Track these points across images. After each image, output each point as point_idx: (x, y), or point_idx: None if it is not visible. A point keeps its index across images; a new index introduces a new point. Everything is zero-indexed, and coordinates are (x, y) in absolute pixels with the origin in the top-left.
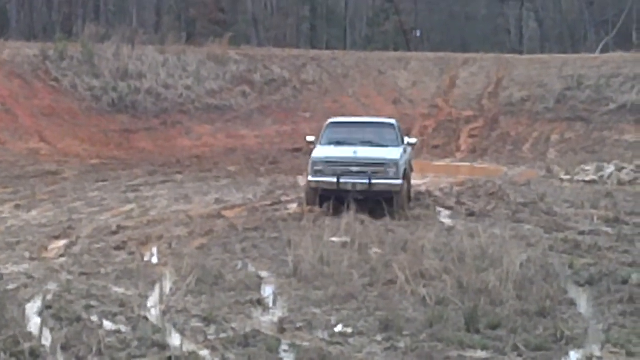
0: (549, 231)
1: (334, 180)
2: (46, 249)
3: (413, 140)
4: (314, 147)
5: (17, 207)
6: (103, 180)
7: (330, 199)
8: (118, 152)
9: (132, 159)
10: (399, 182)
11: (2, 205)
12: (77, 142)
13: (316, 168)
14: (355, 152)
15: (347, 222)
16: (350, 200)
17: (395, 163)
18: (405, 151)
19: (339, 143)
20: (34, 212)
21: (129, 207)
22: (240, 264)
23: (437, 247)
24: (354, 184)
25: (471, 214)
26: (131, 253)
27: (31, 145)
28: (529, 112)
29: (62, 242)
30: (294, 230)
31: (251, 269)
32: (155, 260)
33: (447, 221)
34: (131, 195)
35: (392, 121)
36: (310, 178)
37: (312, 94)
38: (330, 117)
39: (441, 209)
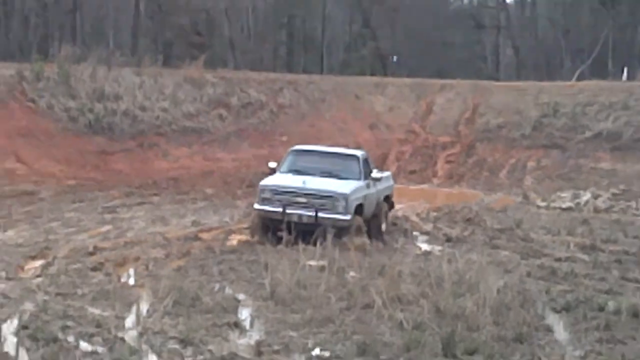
0: (526, 257)
1: (280, 209)
2: (22, 269)
3: (378, 175)
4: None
5: None
6: (80, 201)
7: (277, 229)
8: (95, 173)
9: (109, 180)
10: (347, 217)
11: None
12: (54, 163)
13: (263, 196)
14: (304, 182)
15: (324, 246)
16: (297, 232)
17: (344, 197)
18: (368, 186)
19: (297, 172)
20: (10, 232)
21: (105, 228)
22: (217, 286)
23: (414, 272)
24: (299, 216)
25: (448, 239)
26: (108, 274)
27: (7, 165)
28: (506, 139)
29: (38, 262)
30: (271, 254)
31: (228, 291)
32: (132, 281)
33: (424, 246)
34: (108, 216)
35: (358, 153)
36: (256, 206)
37: (288, 117)
38: (306, 141)
39: (418, 234)
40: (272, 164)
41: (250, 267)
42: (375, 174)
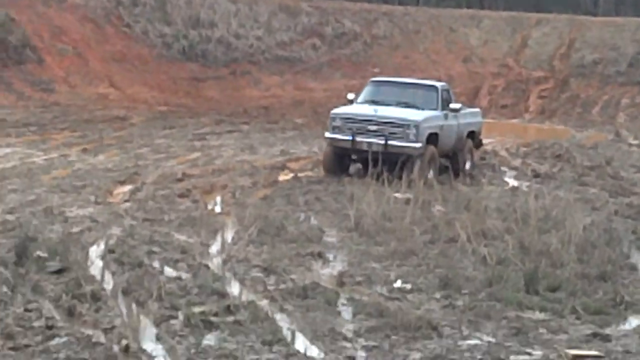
0: (614, 195)
1: (350, 138)
2: (111, 193)
3: (457, 106)
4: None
5: (85, 150)
6: (170, 128)
7: (350, 161)
8: (186, 100)
9: (200, 107)
10: (418, 145)
11: (70, 148)
12: (146, 89)
13: (334, 124)
14: (375, 110)
15: (411, 178)
16: (369, 162)
17: (415, 125)
18: (446, 117)
19: (374, 102)
20: (100, 157)
21: (194, 155)
22: (302, 216)
23: (500, 207)
24: (369, 144)
25: (536, 175)
26: (195, 201)
27: (100, 90)
28: (600, 75)
29: (127, 188)
30: (357, 185)
31: (313, 221)
32: (218, 209)
33: (512, 181)
34: (197, 143)
35: (437, 84)
36: (327, 134)
37: (382, 49)
38: (399, 73)
39: (506, 169)
40: (351, 95)
41: (336, 198)
42: (454, 104)
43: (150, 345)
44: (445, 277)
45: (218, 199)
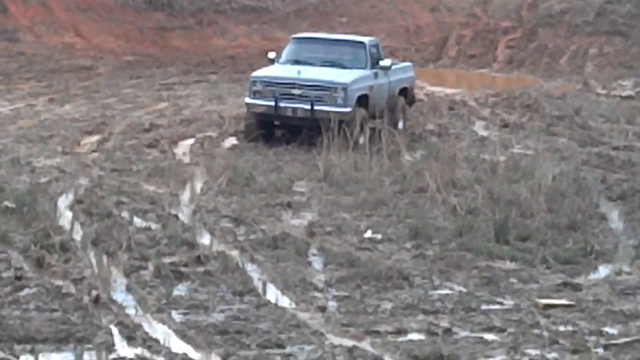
0: (583, 145)
1: (272, 104)
2: (79, 143)
3: (387, 63)
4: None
5: (51, 101)
6: (137, 78)
7: (272, 128)
8: (153, 50)
9: (167, 57)
10: (347, 110)
11: (36, 98)
12: (112, 38)
13: (254, 89)
14: (299, 72)
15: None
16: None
17: (343, 87)
18: (376, 76)
19: (297, 62)
20: (67, 107)
21: (162, 105)
22: (271, 167)
23: (469, 157)
24: (294, 110)
25: (505, 125)
26: (163, 151)
27: (66, 39)
28: (568, 25)
29: (94, 138)
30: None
31: (283, 172)
32: (187, 159)
33: (481, 131)
34: (165, 93)
35: (365, 39)
36: (247, 100)
37: None
38: (366, 23)
39: (475, 119)
40: (272, 55)
41: (305, 148)
42: (384, 62)
43: (120, 295)
44: (416, 227)
45: (187, 148)
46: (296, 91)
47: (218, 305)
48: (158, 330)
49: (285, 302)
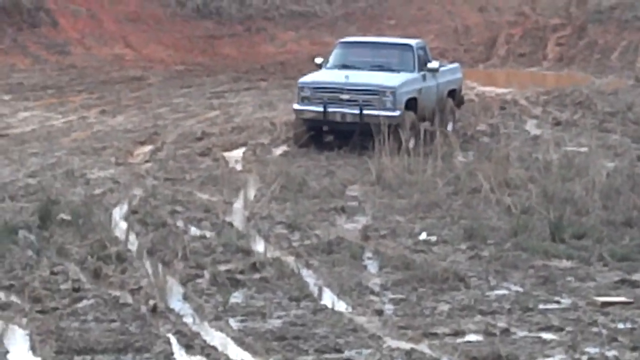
0: (637, 141)
1: (321, 109)
2: (132, 154)
3: (435, 65)
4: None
5: (103, 112)
6: (187, 87)
7: (321, 133)
8: (202, 59)
9: (216, 65)
10: (396, 113)
11: (88, 110)
12: (162, 48)
13: (302, 95)
14: (347, 77)
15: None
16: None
17: (392, 91)
18: (424, 78)
19: (344, 66)
20: (119, 118)
21: (213, 113)
22: (324, 172)
23: (522, 156)
24: (343, 115)
25: (557, 123)
26: (216, 159)
27: (116, 50)
28: (618, 21)
29: (147, 148)
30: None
31: (335, 176)
32: (239, 166)
33: (533, 130)
34: (215, 101)
35: (412, 42)
36: (295, 106)
37: (397, 1)
38: (414, 25)
39: (527, 118)
40: (318, 60)
41: (356, 153)
42: (432, 64)
43: (177, 304)
44: (470, 228)
45: (239, 156)
46: (344, 96)
47: (275, 311)
48: (216, 338)
49: (341, 306)
